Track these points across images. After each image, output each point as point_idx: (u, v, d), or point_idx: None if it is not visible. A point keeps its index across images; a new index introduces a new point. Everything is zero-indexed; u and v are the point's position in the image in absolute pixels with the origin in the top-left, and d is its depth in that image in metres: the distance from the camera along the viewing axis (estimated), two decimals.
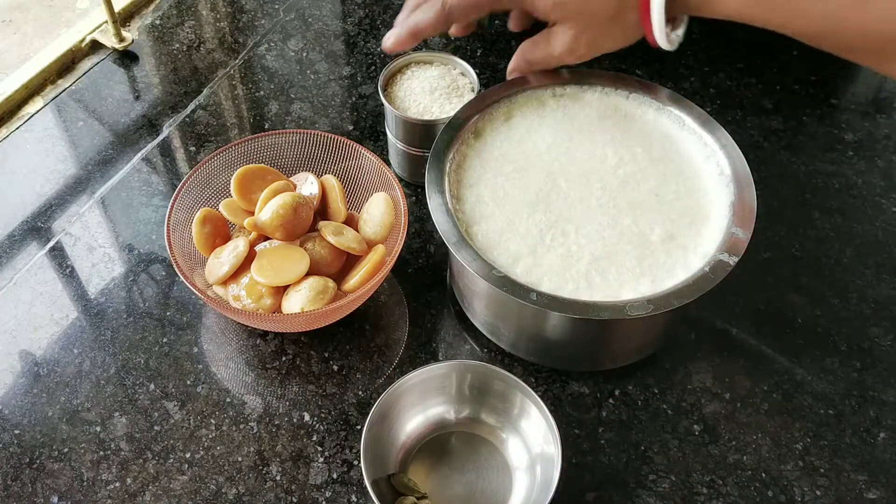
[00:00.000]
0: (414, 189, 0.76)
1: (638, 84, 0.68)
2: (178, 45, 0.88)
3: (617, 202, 0.62)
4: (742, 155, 0.63)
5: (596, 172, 0.64)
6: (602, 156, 0.64)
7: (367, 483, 0.54)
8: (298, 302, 0.61)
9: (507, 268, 0.58)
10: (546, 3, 0.61)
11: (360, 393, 0.64)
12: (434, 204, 0.60)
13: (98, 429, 0.62)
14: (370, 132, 0.81)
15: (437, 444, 0.60)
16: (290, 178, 0.69)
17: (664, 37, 0.59)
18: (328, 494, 0.59)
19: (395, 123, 0.72)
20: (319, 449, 0.61)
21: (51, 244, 0.72)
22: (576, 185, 0.63)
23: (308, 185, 0.68)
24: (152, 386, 0.64)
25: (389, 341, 0.67)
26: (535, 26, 0.66)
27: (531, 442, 0.58)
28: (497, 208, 0.61)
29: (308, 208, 0.65)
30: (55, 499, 0.58)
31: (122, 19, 0.89)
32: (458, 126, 0.65)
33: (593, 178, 0.63)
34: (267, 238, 0.65)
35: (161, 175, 0.78)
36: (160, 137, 0.80)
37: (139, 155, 0.79)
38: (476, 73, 0.71)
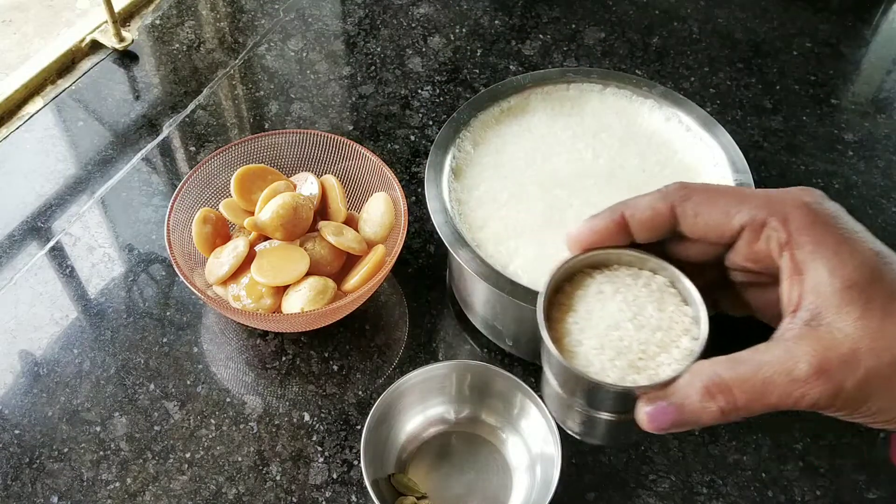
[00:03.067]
0: (414, 189, 0.76)
1: (578, 72, 0.69)
2: (178, 45, 0.88)
3: (619, 190, 0.62)
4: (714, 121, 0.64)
5: (582, 171, 0.64)
6: (576, 152, 0.65)
7: (367, 483, 0.54)
8: (298, 302, 0.61)
9: None
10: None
11: (360, 393, 0.64)
12: (434, 206, 0.60)
13: (98, 429, 0.62)
14: (370, 132, 0.80)
15: (437, 444, 0.60)
16: (290, 178, 0.69)
17: None
18: (328, 494, 0.59)
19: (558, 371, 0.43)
20: (319, 449, 0.61)
21: (51, 244, 0.72)
22: (572, 189, 0.63)
23: (308, 185, 0.68)
24: (152, 386, 0.64)
25: (389, 341, 0.67)
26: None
27: (531, 442, 0.58)
28: (521, 242, 0.60)
29: (308, 208, 0.65)
30: (55, 499, 0.58)
31: (122, 19, 0.89)
32: (444, 144, 0.64)
33: (583, 177, 0.64)
34: (267, 238, 0.65)
35: (161, 175, 0.78)
36: (160, 137, 0.80)
37: (139, 155, 0.79)
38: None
